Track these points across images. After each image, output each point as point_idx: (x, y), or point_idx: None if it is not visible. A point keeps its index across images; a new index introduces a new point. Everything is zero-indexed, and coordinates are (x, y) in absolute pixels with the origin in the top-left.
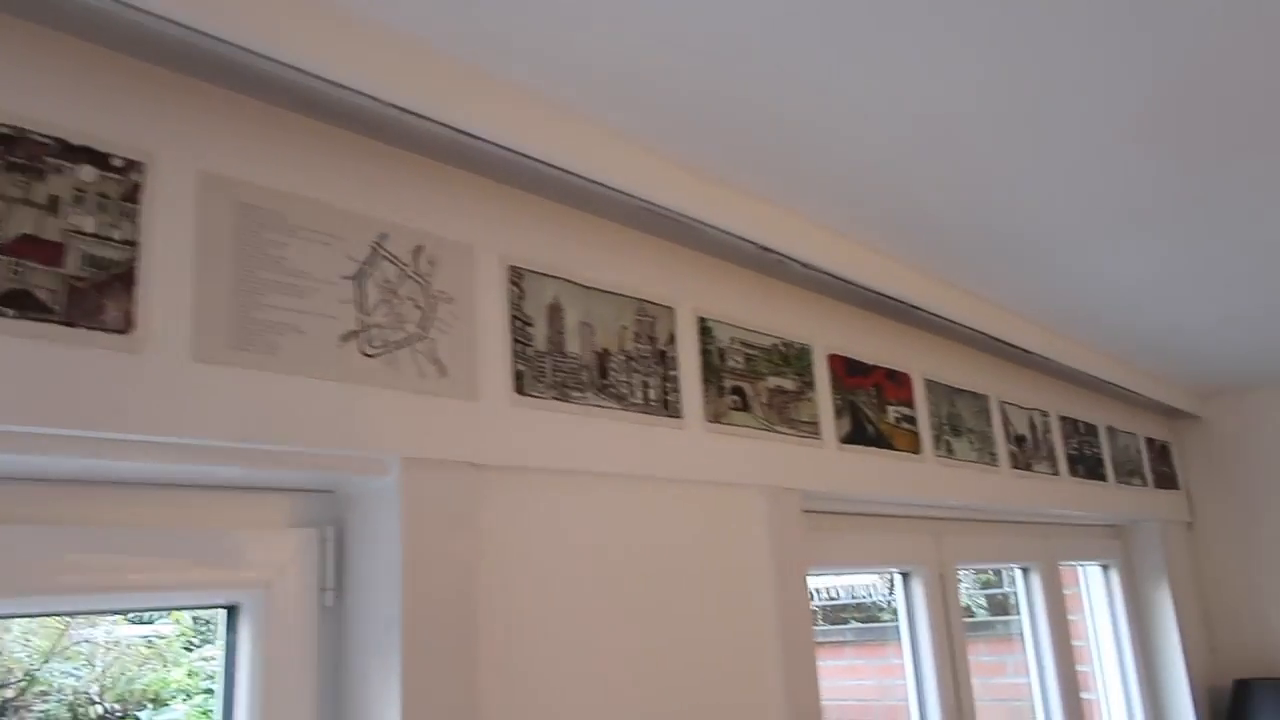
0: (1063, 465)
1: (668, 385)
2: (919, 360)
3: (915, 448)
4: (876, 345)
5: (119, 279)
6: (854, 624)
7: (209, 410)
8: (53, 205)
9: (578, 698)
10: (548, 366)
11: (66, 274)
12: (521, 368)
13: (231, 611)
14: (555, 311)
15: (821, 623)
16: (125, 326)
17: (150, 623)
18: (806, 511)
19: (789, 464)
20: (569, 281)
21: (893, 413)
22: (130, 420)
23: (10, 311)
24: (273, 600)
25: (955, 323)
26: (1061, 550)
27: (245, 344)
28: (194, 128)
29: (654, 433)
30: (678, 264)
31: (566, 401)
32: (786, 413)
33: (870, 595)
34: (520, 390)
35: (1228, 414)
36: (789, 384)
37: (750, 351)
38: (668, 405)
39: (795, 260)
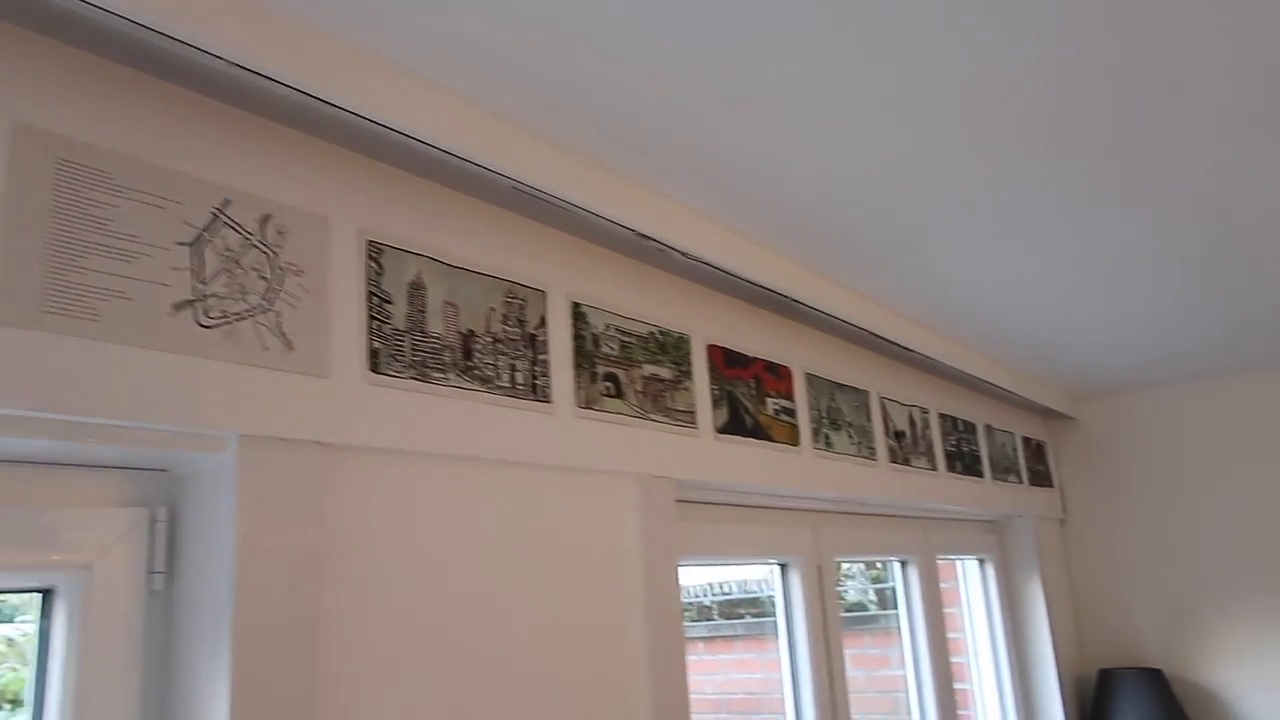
0: (940, 461)
1: (537, 369)
2: (800, 354)
3: (793, 440)
4: (757, 338)
5: None
6: (747, 618)
7: (13, 377)
8: None
9: (428, 697)
10: (407, 345)
11: None
12: (378, 345)
13: (46, 595)
14: (417, 289)
15: (716, 618)
16: None
17: (10, 620)
18: (680, 501)
19: (663, 452)
20: (433, 260)
21: (772, 405)
22: None
23: None
24: (94, 584)
25: (836, 318)
26: (939, 544)
27: (61, 309)
28: (9, 75)
29: (521, 417)
30: (552, 247)
31: (426, 382)
32: (662, 401)
33: (762, 590)
34: (376, 369)
35: (1099, 415)
36: (665, 372)
37: (626, 338)
38: (536, 389)
39: (675, 249)
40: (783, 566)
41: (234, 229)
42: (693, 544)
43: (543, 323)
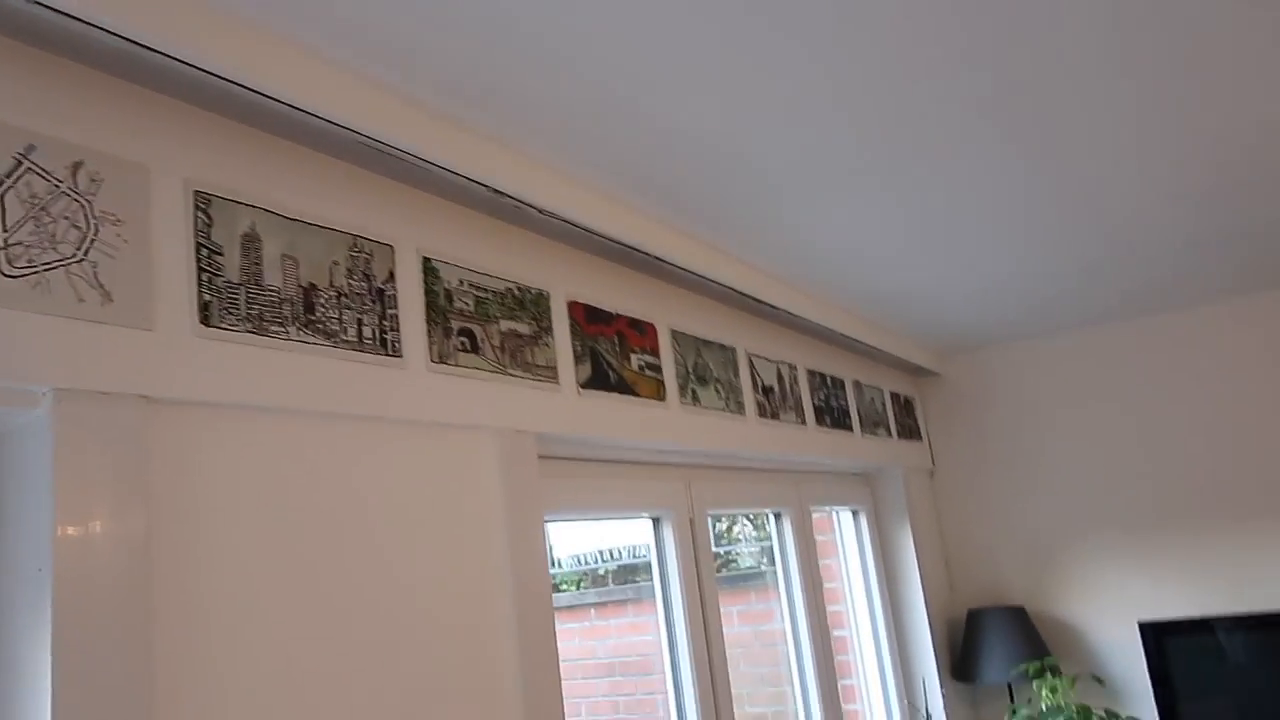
0: (810, 415)
1: (386, 324)
2: (665, 311)
3: (660, 395)
4: (620, 295)
5: None
6: (639, 583)
7: None
8: None
9: (275, 677)
10: (241, 298)
11: None
12: (209, 298)
13: None
14: (251, 242)
15: (610, 583)
16: None
17: None
18: (544, 458)
19: (523, 407)
20: (269, 211)
21: (636, 360)
22: None
23: None
24: None
25: (699, 275)
26: (812, 496)
27: None
28: None
29: (369, 372)
30: (400, 202)
31: (264, 335)
32: (521, 356)
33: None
34: (207, 322)
35: (963, 370)
36: (524, 328)
37: (481, 294)
38: (386, 344)
39: (530, 205)
40: (655, 521)
41: (40, 175)
42: (558, 499)
43: (391, 277)
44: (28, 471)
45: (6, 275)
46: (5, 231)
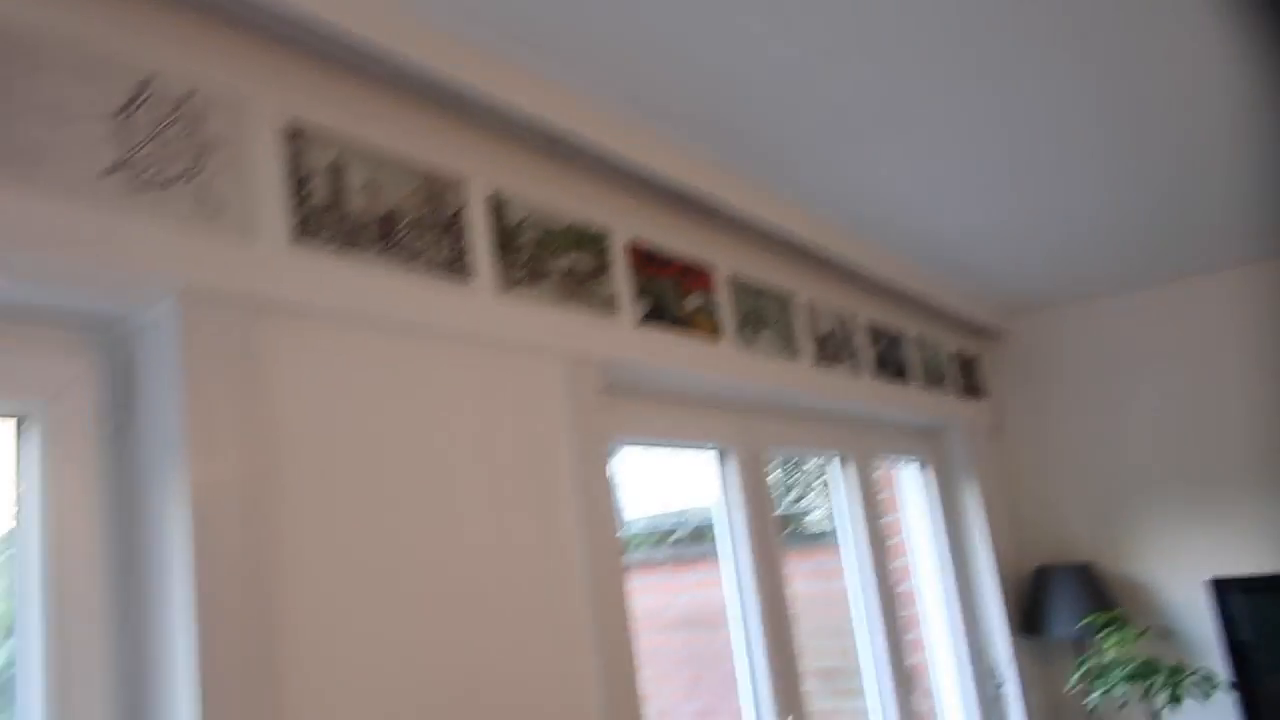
0: (868, 366)
1: (457, 252)
2: (723, 256)
3: (715, 334)
4: (678, 238)
5: None
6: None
7: None
8: None
9: (346, 563)
10: (328, 220)
11: None
12: (302, 217)
13: (21, 425)
14: (337, 171)
15: (687, 541)
16: None
17: None
18: (611, 392)
19: (586, 334)
20: (353, 143)
21: (693, 301)
22: None
23: None
24: (58, 413)
25: (757, 222)
26: (874, 446)
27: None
28: None
29: (442, 294)
30: (472, 140)
31: (349, 254)
32: (582, 291)
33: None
34: (300, 238)
35: (1029, 329)
36: (585, 264)
37: (545, 230)
38: (457, 269)
39: (593, 148)
40: (721, 455)
41: (159, 103)
42: (622, 425)
43: (461, 210)
44: (160, 363)
45: (133, 189)
46: (131, 150)
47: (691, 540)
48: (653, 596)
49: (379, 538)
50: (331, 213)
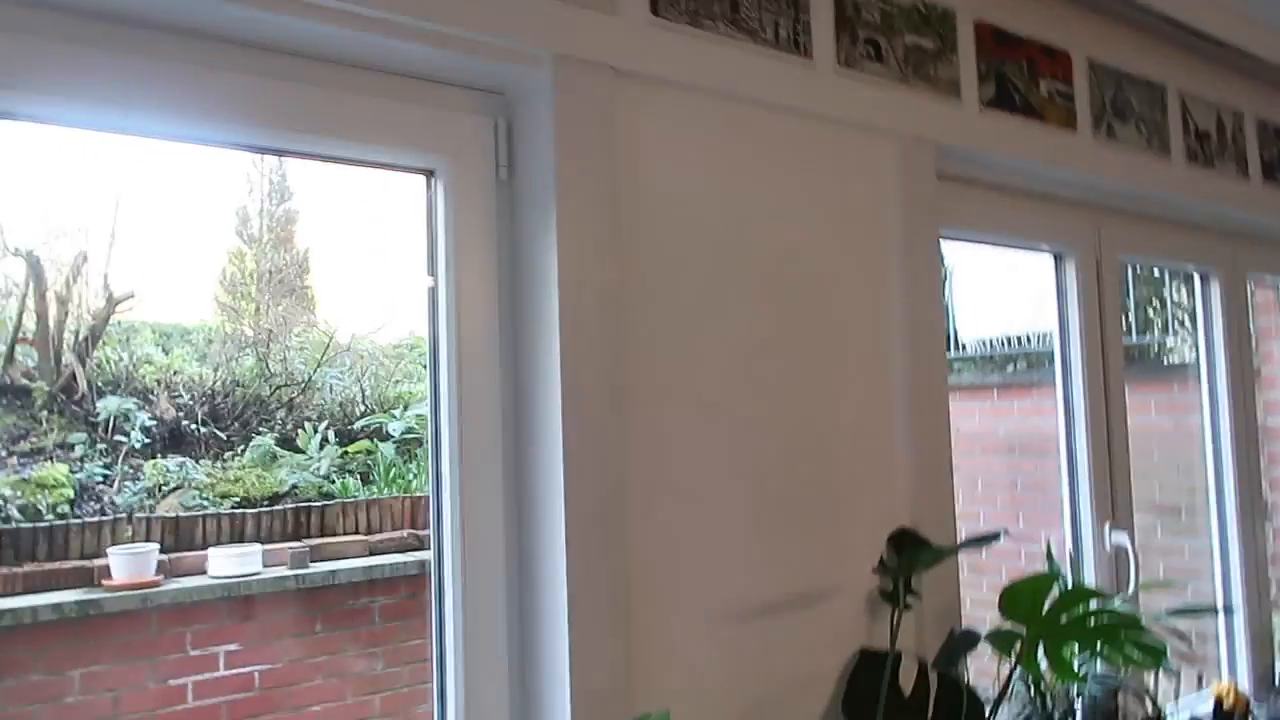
0: (1255, 170)
1: (799, 26)
2: (1082, 39)
3: (1070, 124)
4: (1033, 19)
5: None
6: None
7: None
8: None
9: (693, 334)
10: None
11: None
12: None
13: (430, 177)
14: None
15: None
16: None
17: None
18: (943, 179)
19: (924, 115)
20: None
21: (1045, 87)
22: None
23: None
24: (459, 169)
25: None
26: (1250, 262)
27: None
28: None
29: (785, 68)
30: None
31: (699, 27)
32: (924, 69)
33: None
34: (655, 11)
35: None
36: (928, 44)
37: (887, 7)
38: (798, 45)
39: None
40: (1057, 259)
41: None
42: (955, 215)
43: None
44: (539, 120)
45: None
46: None
47: (1029, 366)
48: (979, 419)
49: (720, 303)
50: None
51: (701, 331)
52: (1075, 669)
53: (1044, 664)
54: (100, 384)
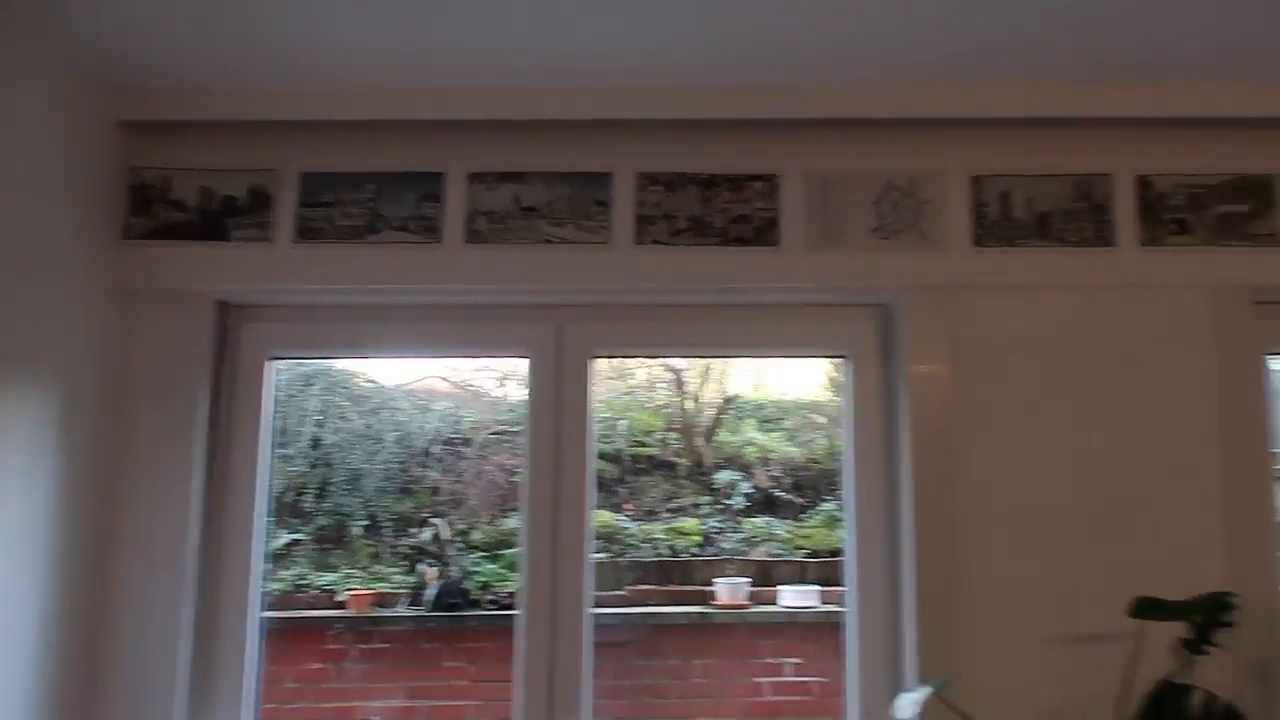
0: None
1: (1102, 227)
2: None
3: None
4: None
5: None
6: None
7: None
8: None
9: (1032, 459)
10: (997, 229)
11: None
12: (979, 231)
13: (845, 361)
14: (1005, 195)
15: None
16: None
17: None
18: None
19: (1234, 265)
20: (1017, 175)
21: None
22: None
23: None
24: (859, 352)
25: None
26: None
27: None
28: None
29: (1084, 257)
30: (1117, 137)
31: (1015, 247)
32: (1238, 229)
33: None
34: (979, 243)
35: None
36: (1242, 208)
37: (1196, 190)
38: (1102, 239)
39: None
40: None
41: (894, 190)
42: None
43: (1107, 196)
44: (903, 325)
45: (883, 237)
46: (882, 219)
47: None
48: None
49: (1044, 430)
50: (998, 226)
51: (1029, 435)
52: None
53: None
54: (719, 460)
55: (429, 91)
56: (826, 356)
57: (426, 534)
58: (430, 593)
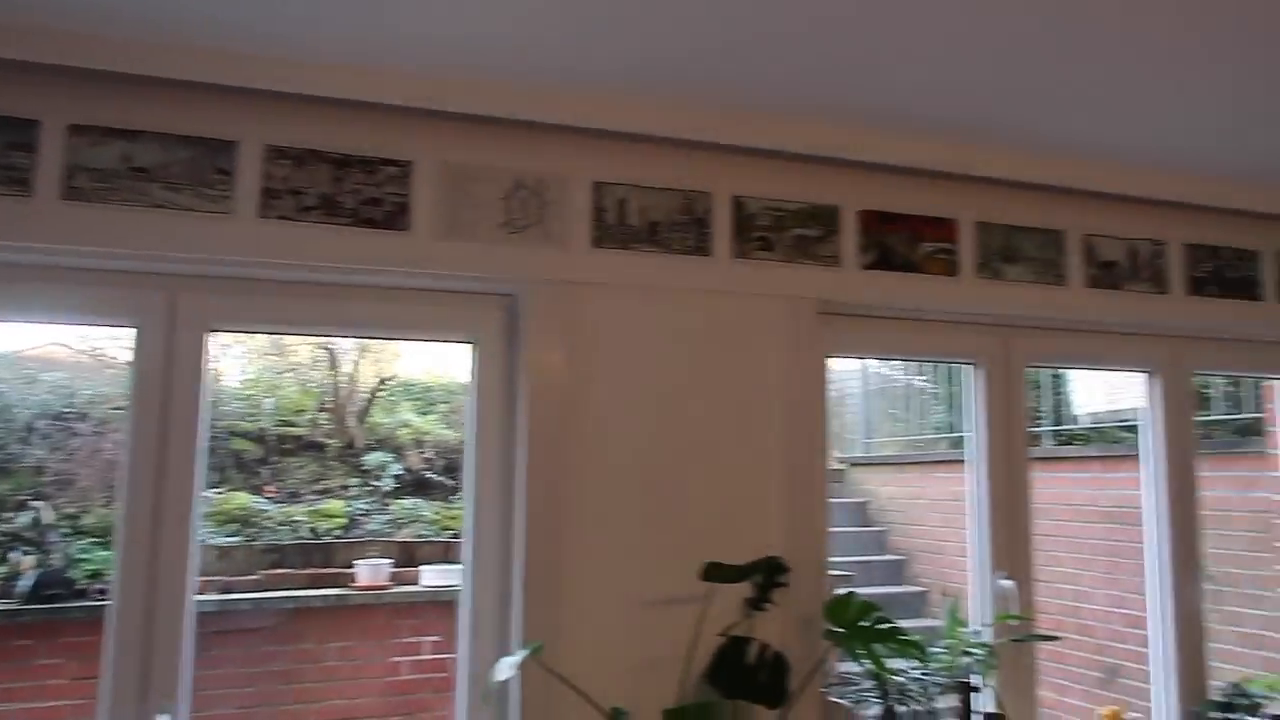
0: (1178, 286)
1: (702, 237)
2: (968, 207)
3: (950, 272)
4: (916, 199)
5: None
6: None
7: None
8: None
9: (625, 433)
10: (614, 232)
11: None
12: (597, 234)
13: (474, 345)
14: (622, 202)
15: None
16: None
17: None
18: (831, 314)
19: (805, 280)
20: (634, 185)
21: (926, 248)
22: None
23: None
24: (487, 338)
25: (1007, 180)
26: (1195, 360)
27: None
28: None
29: (689, 263)
30: (719, 160)
31: (628, 250)
32: (810, 249)
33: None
34: (597, 244)
35: None
36: (813, 232)
37: (778, 212)
38: (700, 249)
39: (818, 153)
40: (973, 365)
41: (522, 189)
42: (841, 343)
43: (708, 211)
44: (526, 316)
45: (510, 232)
46: (510, 214)
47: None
48: (1082, 490)
49: (642, 417)
50: (616, 229)
51: (630, 420)
52: (884, 662)
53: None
54: (370, 441)
55: (29, 31)
56: (454, 341)
57: (25, 518)
58: (25, 583)
